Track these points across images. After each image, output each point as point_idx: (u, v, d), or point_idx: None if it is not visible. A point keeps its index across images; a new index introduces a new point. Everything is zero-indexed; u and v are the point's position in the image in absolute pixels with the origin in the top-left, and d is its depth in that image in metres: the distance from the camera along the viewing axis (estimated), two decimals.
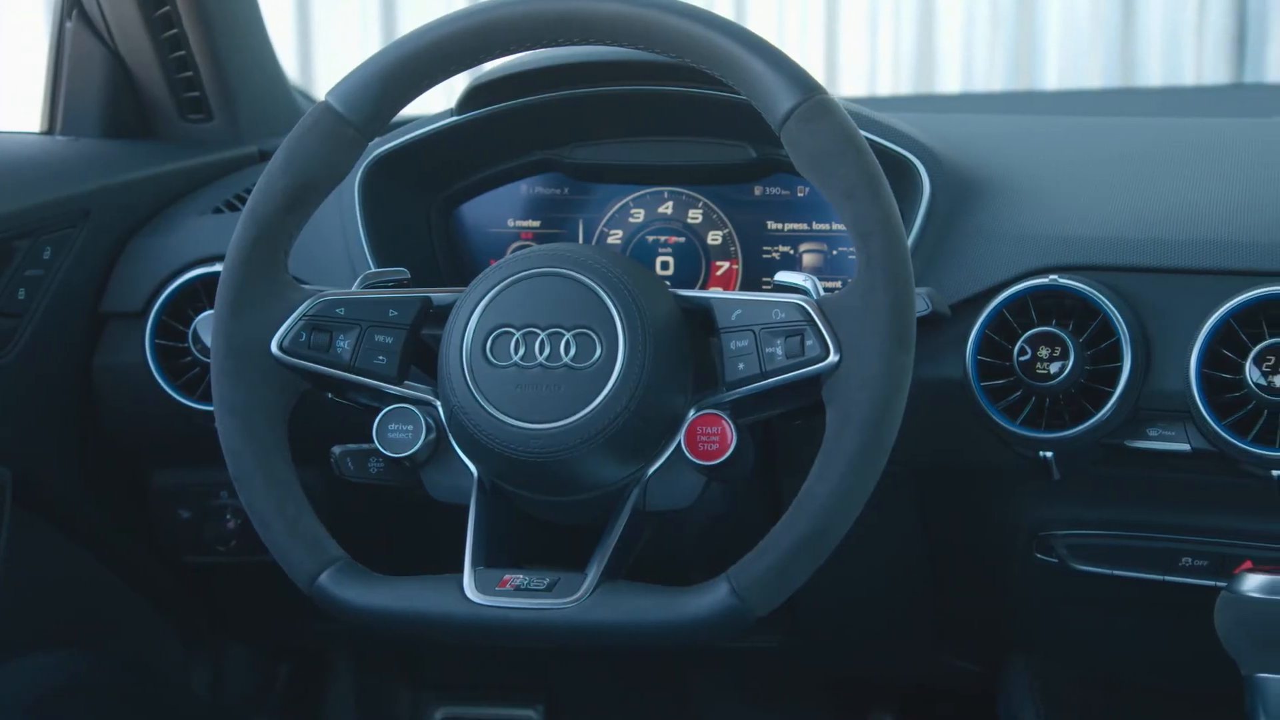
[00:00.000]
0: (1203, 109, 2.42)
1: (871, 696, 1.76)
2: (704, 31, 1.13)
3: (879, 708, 1.75)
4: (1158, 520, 1.31)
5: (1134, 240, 1.27)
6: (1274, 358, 1.17)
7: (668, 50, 1.14)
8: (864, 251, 1.09)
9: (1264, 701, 1.16)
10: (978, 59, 3.90)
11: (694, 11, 1.13)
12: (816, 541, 1.08)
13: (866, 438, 1.07)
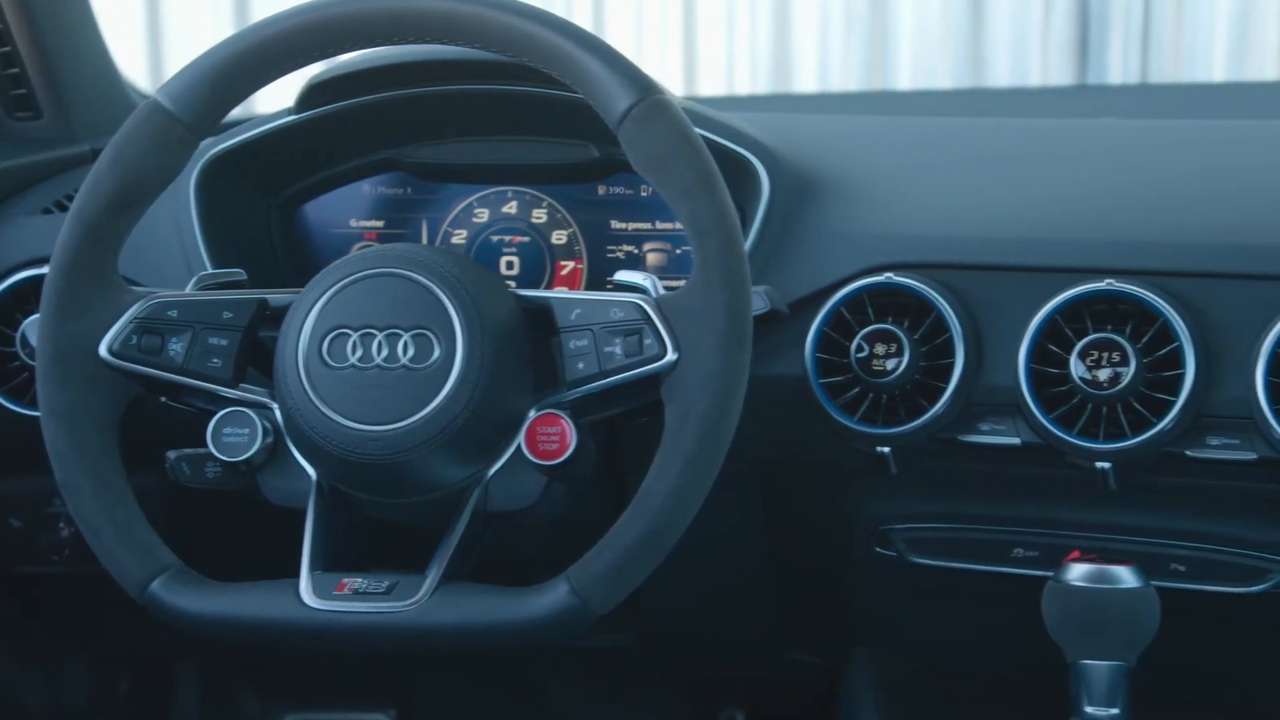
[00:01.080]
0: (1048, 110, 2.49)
1: (722, 693, 1.77)
2: (539, 31, 1.13)
3: (730, 704, 1.76)
4: (991, 513, 1.34)
5: (967, 238, 1.29)
6: (1097, 353, 1.20)
7: (503, 50, 1.14)
8: (700, 250, 1.10)
9: (1087, 687, 1.19)
10: (832, 59, 3.95)
11: (529, 10, 1.13)
12: (656, 539, 1.08)
13: (704, 435, 1.08)
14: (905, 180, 1.38)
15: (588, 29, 1.17)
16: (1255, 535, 1.27)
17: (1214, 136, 1.46)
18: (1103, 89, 3.73)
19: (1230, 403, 1.19)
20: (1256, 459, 1.18)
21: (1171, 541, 1.29)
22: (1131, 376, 1.19)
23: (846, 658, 1.51)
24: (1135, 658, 1.20)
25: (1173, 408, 1.19)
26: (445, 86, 1.37)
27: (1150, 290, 1.20)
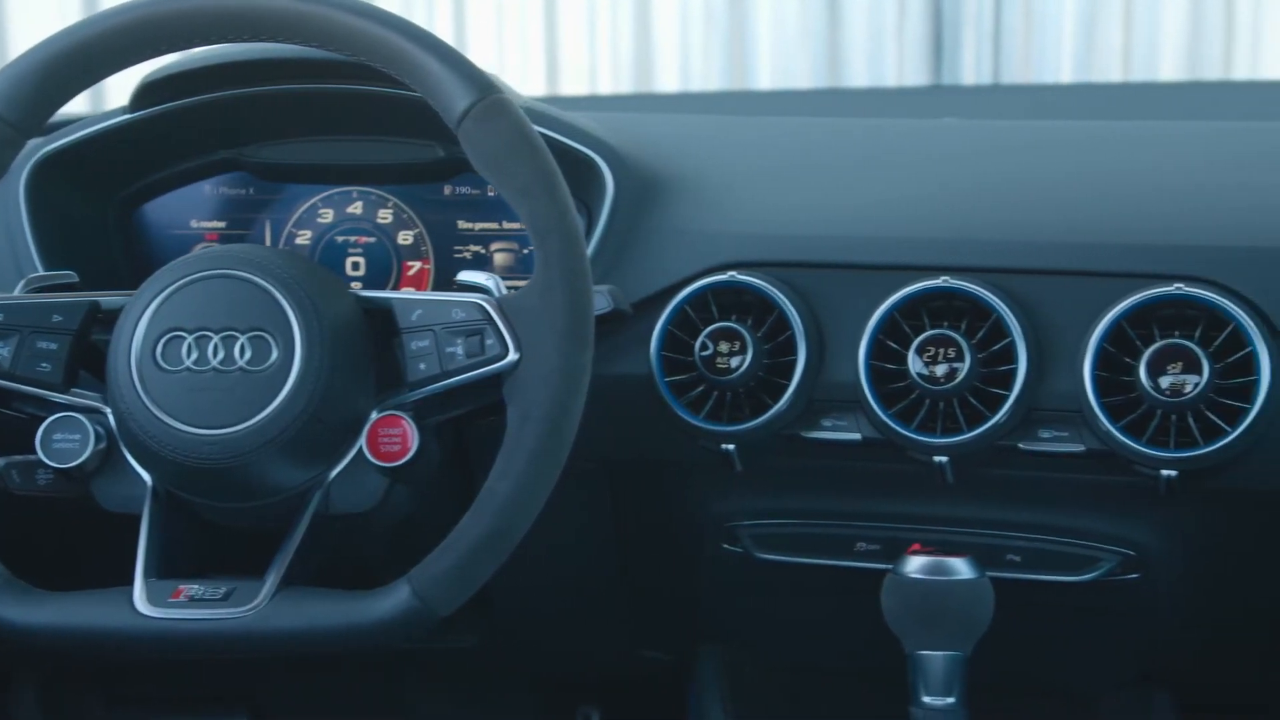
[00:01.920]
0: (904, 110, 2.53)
1: (578, 692, 1.78)
2: (377, 30, 1.12)
3: (586, 703, 1.77)
4: (835, 508, 1.36)
5: (809, 237, 1.31)
6: (934, 349, 1.23)
7: (342, 49, 1.13)
8: (541, 250, 1.10)
9: (924, 677, 1.22)
10: (693, 59, 3.97)
11: (367, 9, 1.13)
12: (498, 539, 1.08)
13: (545, 434, 1.08)
14: (751, 179, 1.39)
15: (449, 28, 1.17)
16: (1085, 525, 1.30)
17: (1054, 137, 1.49)
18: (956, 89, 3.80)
19: (1060, 396, 1.22)
20: (1085, 451, 1.22)
21: (1008, 533, 1.32)
22: (966, 372, 1.22)
23: (694, 654, 1.52)
24: (971, 647, 1.22)
25: (1006, 402, 1.21)
26: (286, 85, 1.36)
27: (984, 287, 1.23)
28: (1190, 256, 1.22)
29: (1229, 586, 1.34)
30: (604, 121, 1.41)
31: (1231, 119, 1.63)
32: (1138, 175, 1.36)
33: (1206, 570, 1.32)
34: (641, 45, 3.97)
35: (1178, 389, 1.18)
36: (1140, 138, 1.46)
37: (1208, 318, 1.19)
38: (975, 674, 1.24)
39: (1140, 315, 1.20)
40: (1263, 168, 1.36)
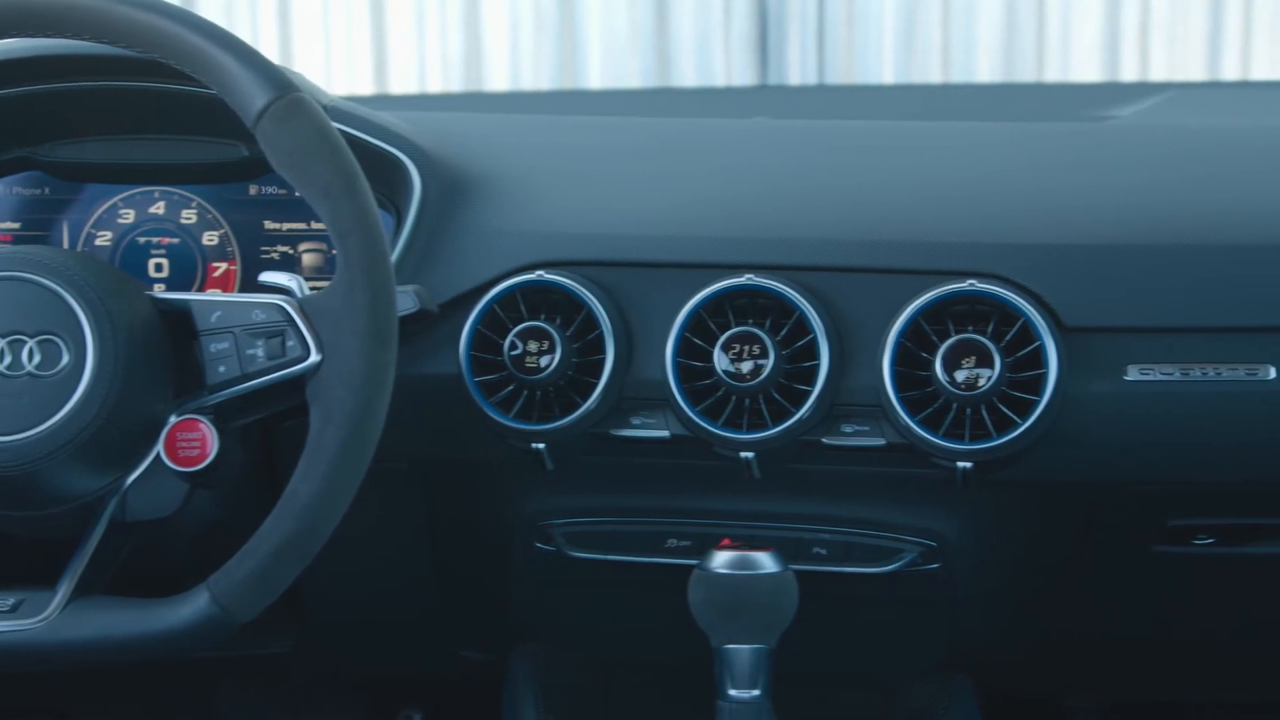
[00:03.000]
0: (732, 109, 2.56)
1: (401, 694, 1.77)
2: (173, 27, 1.10)
3: (408, 705, 1.76)
4: (647, 505, 1.37)
5: (617, 236, 1.32)
6: (739, 346, 1.24)
7: (138, 46, 1.11)
8: (343, 250, 1.10)
9: (730, 670, 1.24)
10: (524, 59, 3.97)
11: (163, 7, 1.11)
12: (300, 543, 1.07)
13: (348, 436, 1.07)
14: (561, 179, 1.40)
15: (273, 27, 1.15)
16: (888, 517, 1.33)
17: (858, 137, 1.52)
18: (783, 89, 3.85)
19: (862, 391, 1.25)
20: (885, 444, 1.24)
21: (815, 526, 1.34)
22: (771, 368, 1.23)
23: (510, 653, 1.52)
24: (775, 639, 1.24)
25: (809, 397, 1.24)
26: (82, 83, 1.32)
27: (787, 285, 1.25)
28: (982, 254, 1.25)
29: (1022, 574, 1.39)
30: (414, 121, 1.41)
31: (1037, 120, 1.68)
32: (936, 174, 1.40)
33: (1001, 559, 1.36)
34: (471, 45, 3.96)
35: (972, 383, 1.21)
36: (941, 138, 1.50)
37: (999, 313, 1.23)
38: (782, 665, 1.26)
39: (936, 311, 1.24)
40: (1055, 167, 1.41)
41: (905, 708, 1.47)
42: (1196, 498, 1.30)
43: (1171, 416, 1.22)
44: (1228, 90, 2.17)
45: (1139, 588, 1.39)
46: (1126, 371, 1.23)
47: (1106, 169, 1.40)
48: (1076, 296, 1.24)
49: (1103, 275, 1.25)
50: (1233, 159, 1.40)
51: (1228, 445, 1.23)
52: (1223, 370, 1.22)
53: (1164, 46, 3.71)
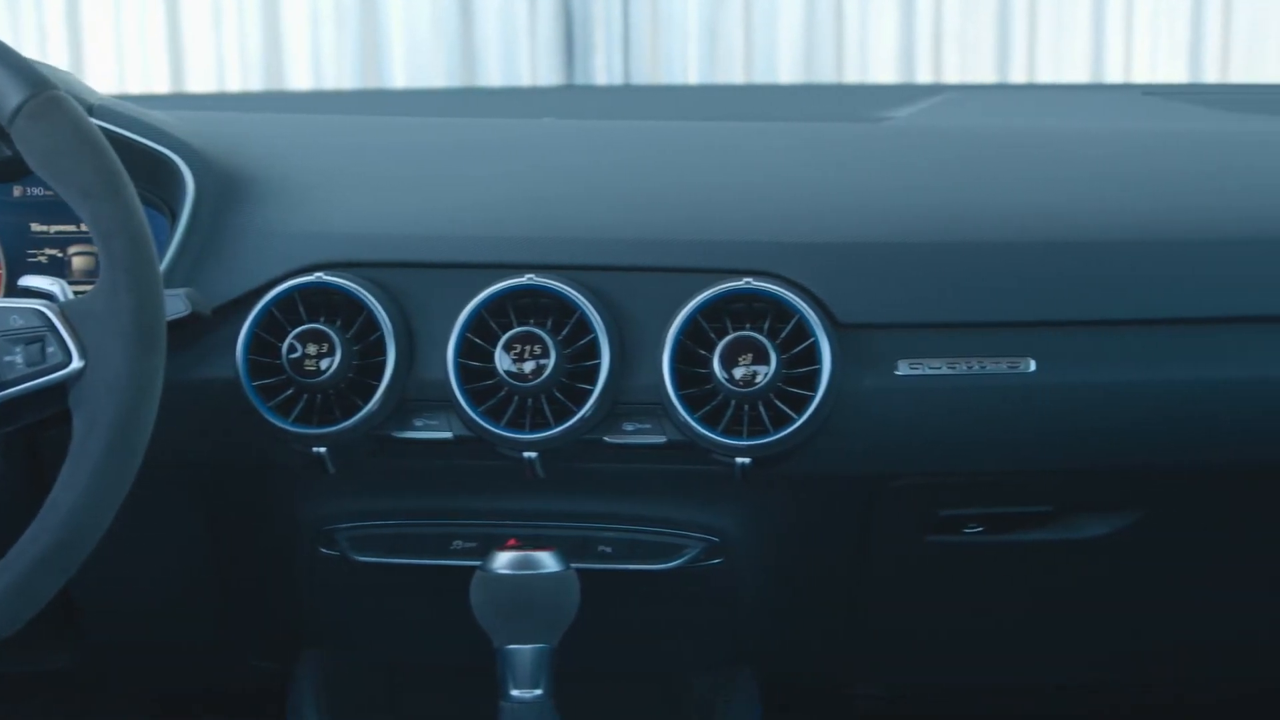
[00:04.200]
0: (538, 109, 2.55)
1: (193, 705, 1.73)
2: None
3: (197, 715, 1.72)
4: (433, 506, 1.36)
5: (396, 236, 1.31)
6: (521, 346, 1.24)
7: None
8: (106, 253, 1.07)
9: (512, 670, 1.24)
10: (325, 57, 3.91)
11: None
12: (62, 553, 1.04)
13: (113, 443, 1.05)
14: (341, 179, 1.38)
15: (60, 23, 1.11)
16: (672, 514, 1.35)
17: (643, 136, 1.54)
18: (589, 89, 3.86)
19: (643, 389, 1.26)
20: (666, 442, 1.26)
21: (600, 525, 1.35)
22: (552, 368, 1.24)
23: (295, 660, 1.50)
24: (558, 639, 1.25)
25: (591, 396, 1.24)
26: None
27: (568, 284, 1.26)
28: (759, 252, 1.28)
29: (803, 566, 1.41)
30: (190, 120, 1.38)
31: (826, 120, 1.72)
32: (720, 174, 1.42)
33: (782, 552, 1.39)
34: (270, 42, 3.88)
35: (749, 379, 1.23)
36: (727, 138, 1.52)
37: (775, 310, 1.25)
38: (567, 663, 1.27)
39: (715, 309, 1.25)
40: (832, 167, 1.44)
41: (689, 701, 1.49)
42: (966, 488, 1.34)
43: (940, 409, 1.26)
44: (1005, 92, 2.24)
45: (914, 576, 1.43)
46: (897, 366, 1.26)
47: (882, 169, 1.44)
48: (850, 294, 1.27)
49: (875, 273, 1.28)
50: (1001, 159, 1.45)
51: (993, 436, 1.27)
52: (987, 364, 1.26)
53: (956, 51, 3.82)
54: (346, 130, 1.51)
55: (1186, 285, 1.28)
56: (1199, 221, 1.32)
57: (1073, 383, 1.26)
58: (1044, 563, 1.42)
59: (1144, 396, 1.27)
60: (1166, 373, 1.27)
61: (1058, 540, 1.38)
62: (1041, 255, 1.29)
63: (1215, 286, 1.28)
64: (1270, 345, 1.28)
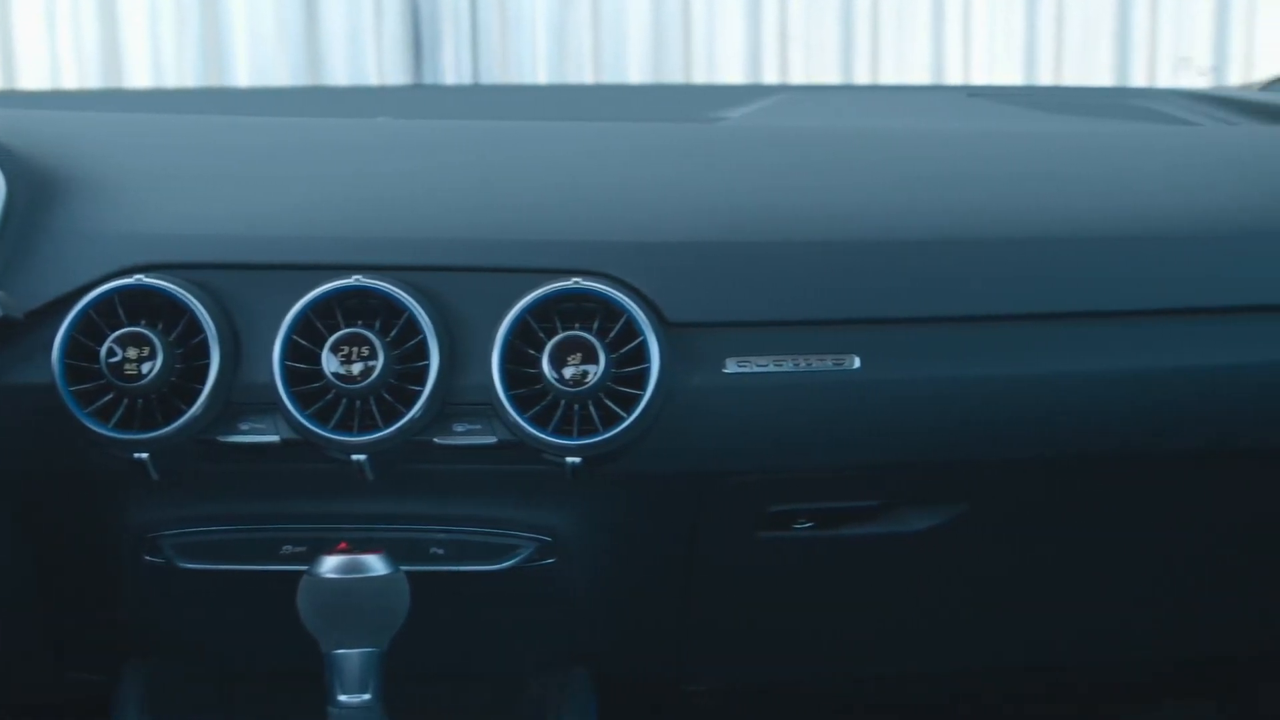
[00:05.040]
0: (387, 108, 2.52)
1: None
2: None
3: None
4: (263, 511, 1.34)
5: (220, 237, 1.29)
6: (348, 347, 1.23)
7: None
8: None
9: (339, 675, 1.22)
10: (165, 56, 3.83)
11: None
12: None
13: None
14: (169, 179, 1.36)
15: None
16: (504, 514, 1.34)
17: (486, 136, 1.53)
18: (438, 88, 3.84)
19: (473, 390, 1.25)
20: (496, 442, 1.25)
21: (432, 526, 1.34)
22: (381, 369, 1.22)
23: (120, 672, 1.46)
24: (387, 642, 1.24)
25: (420, 397, 1.23)
26: None
27: (396, 285, 1.25)
28: (587, 251, 1.28)
29: (636, 564, 1.42)
30: (11, 119, 1.34)
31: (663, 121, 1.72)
32: (552, 174, 1.42)
33: (615, 550, 1.39)
34: (108, 39, 3.79)
35: (579, 379, 1.23)
36: (563, 138, 1.52)
37: (604, 310, 1.25)
38: (400, 666, 1.26)
39: (544, 309, 1.25)
40: (664, 167, 1.44)
41: (524, 702, 1.49)
42: (795, 484, 1.35)
43: (767, 407, 1.28)
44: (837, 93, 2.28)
45: (746, 573, 1.44)
46: (725, 365, 1.27)
47: (713, 169, 1.45)
48: (679, 292, 1.28)
49: (704, 272, 1.29)
50: (829, 159, 1.47)
51: (820, 432, 1.29)
52: (813, 361, 1.28)
53: (801, 52, 3.88)
54: (178, 130, 1.48)
55: (1005, 282, 1.31)
56: (1017, 220, 1.35)
57: (896, 379, 1.28)
58: (874, 557, 1.44)
59: (965, 391, 1.30)
60: (986, 368, 1.30)
61: (886, 534, 1.40)
62: (865, 254, 1.31)
63: (1032, 283, 1.31)
64: (1085, 341, 1.31)
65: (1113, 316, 1.32)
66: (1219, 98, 1.91)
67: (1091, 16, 3.84)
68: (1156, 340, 1.32)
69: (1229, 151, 1.54)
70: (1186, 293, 1.33)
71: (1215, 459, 1.39)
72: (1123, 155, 1.52)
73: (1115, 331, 1.32)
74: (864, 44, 3.86)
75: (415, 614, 1.26)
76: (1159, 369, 1.31)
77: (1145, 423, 1.33)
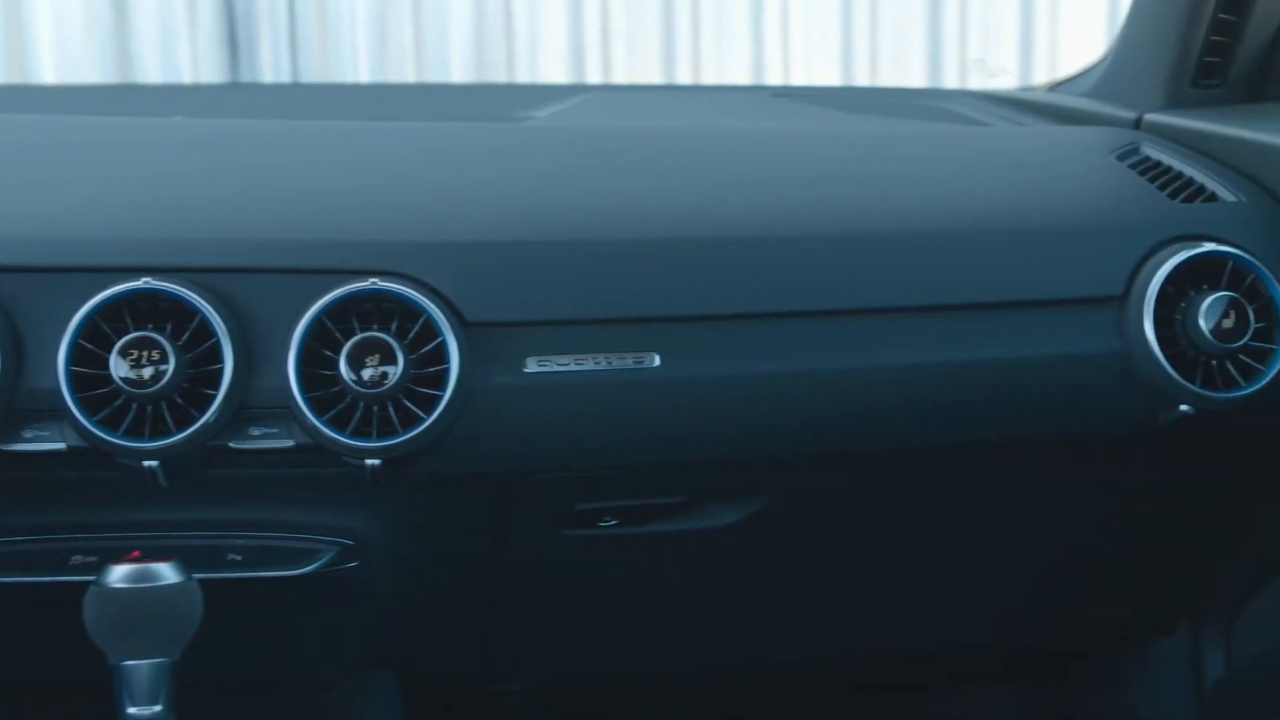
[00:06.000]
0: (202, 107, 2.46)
1: None
2: None
3: None
4: (49, 521, 1.29)
5: (6, 239, 1.24)
6: (138, 351, 1.19)
7: None
8: None
9: (128, 687, 1.19)
10: None
11: None
12: None
13: None
14: None
15: None
16: (305, 519, 1.32)
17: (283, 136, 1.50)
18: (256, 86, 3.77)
19: (270, 393, 1.23)
20: (294, 445, 1.23)
21: (230, 533, 1.32)
22: (172, 373, 1.20)
23: None
24: (179, 651, 1.21)
25: (214, 401, 1.21)
26: None
27: (187, 287, 1.22)
28: (385, 252, 1.26)
29: (442, 566, 1.41)
30: None
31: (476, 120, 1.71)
32: (350, 174, 1.40)
33: (421, 553, 1.38)
34: None
35: (377, 380, 1.21)
36: (361, 137, 1.50)
37: (403, 310, 1.24)
38: (196, 676, 1.23)
39: (341, 310, 1.23)
40: (465, 167, 1.44)
41: (328, 707, 1.47)
42: (599, 482, 1.36)
43: (569, 405, 1.28)
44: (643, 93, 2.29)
45: (554, 572, 1.45)
46: (526, 364, 1.27)
47: (514, 168, 1.44)
48: (478, 292, 1.27)
49: (503, 271, 1.28)
50: (630, 159, 1.48)
51: (622, 430, 1.30)
52: (613, 360, 1.28)
53: (624, 51, 3.89)
54: None
55: (802, 279, 1.33)
56: (813, 218, 1.37)
57: (696, 376, 1.30)
58: (681, 553, 1.45)
59: (765, 388, 1.31)
60: (784, 364, 1.32)
61: (692, 530, 1.42)
62: (665, 252, 1.32)
63: (827, 280, 1.34)
64: (878, 336, 1.34)
65: (904, 312, 1.34)
66: (1010, 99, 1.97)
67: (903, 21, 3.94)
68: (943, 335, 1.35)
69: (1016, 151, 1.59)
70: (974, 289, 1.36)
71: (1009, 449, 1.43)
72: (916, 154, 1.55)
73: (907, 327, 1.34)
74: (685, 44, 3.89)
75: (213, 622, 1.23)
76: (948, 362, 1.35)
77: (939, 415, 1.36)
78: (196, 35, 3.78)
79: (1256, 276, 1.37)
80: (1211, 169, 1.51)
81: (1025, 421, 1.39)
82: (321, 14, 3.83)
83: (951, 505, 1.49)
